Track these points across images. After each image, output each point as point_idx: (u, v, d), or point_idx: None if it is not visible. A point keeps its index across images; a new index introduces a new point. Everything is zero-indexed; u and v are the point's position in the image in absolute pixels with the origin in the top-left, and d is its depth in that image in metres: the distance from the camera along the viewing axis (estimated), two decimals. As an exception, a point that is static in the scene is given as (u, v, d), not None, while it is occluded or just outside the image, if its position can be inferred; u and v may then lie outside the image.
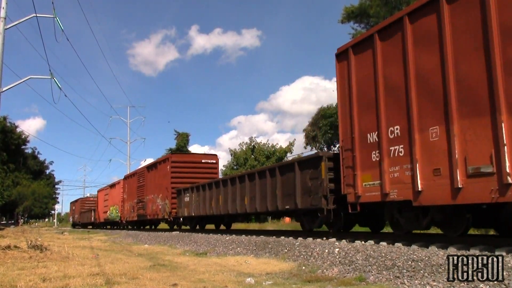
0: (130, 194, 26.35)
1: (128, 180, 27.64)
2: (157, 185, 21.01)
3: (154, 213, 21.15)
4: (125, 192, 27.77)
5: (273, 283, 5.58)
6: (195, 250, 11.13)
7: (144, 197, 23.05)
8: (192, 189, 16.77)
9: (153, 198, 21.28)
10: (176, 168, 19.54)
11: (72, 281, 5.55)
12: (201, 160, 20.18)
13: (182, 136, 50.74)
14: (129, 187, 27.02)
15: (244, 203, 12.71)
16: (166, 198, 19.35)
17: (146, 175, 23.20)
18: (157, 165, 21.58)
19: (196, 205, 16.26)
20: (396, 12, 24.31)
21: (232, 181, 13.65)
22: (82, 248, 12.75)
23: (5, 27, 18.99)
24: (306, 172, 9.74)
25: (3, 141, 53.65)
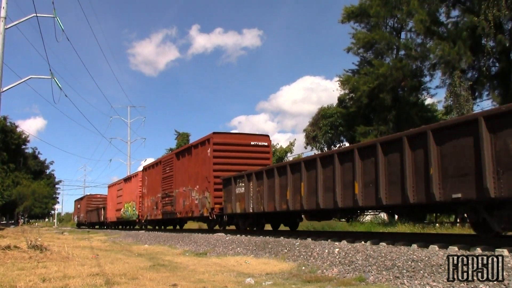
0: (152, 188, 22.02)
1: (148, 172, 23.04)
2: (191, 175, 16.52)
3: (187, 209, 16.83)
4: (145, 186, 23.38)
5: (273, 283, 5.58)
6: (195, 250, 11.13)
7: (172, 190, 18.56)
8: (250, 177, 12.24)
9: (186, 191, 16.97)
10: (220, 152, 15.04)
11: (72, 281, 5.55)
12: (250, 142, 15.48)
13: (182, 136, 50.68)
14: (150, 180, 22.53)
15: (353, 192, 8.23)
16: (206, 190, 15.02)
17: (174, 164, 18.56)
18: (191, 149, 16.85)
19: (257, 197, 11.82)
20: (396, 12, 24.34)
21: (326, 161, 9.04)
22: (82, 248, 12.75)
23: (5, 27, 18.99)
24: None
25: (3, 141, 53.68)
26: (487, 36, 18.46)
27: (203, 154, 15.56)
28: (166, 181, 19.61)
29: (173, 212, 18.45)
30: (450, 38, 19.95)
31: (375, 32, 24.81)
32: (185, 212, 17.14)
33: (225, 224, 15.21)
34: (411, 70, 23.88)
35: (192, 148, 16.80)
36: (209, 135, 15.31)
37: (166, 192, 19.47)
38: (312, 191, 9.42)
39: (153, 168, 22.30)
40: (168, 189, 19.23)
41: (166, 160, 20.27)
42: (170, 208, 18.72)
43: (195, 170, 16.24)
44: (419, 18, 20.87)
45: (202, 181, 15.40)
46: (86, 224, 47.21)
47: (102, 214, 37.36)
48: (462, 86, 19.58)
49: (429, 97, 26.90)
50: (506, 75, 19.62)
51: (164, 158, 20.96)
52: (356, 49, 26.74)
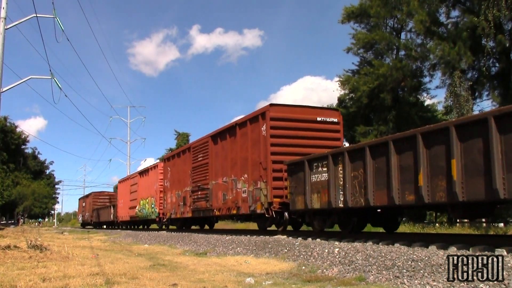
0: (177, 180, 18.28)
1: (172, 162, 19.16)
2: (235, 162, 13.09)
3: (230, 205, 13.33)
4: (167, 179, 19.74)
5: (273, 283, 5.58)
6: (195, 250, 11.13)
7: (207, 182, 15.09)
8: (339, 157, 8.84)
9: (228, 182, 13.52)
10: (279, 129, 11.47)
11: (72, 281, 5.55)
12: (316, 117, 11.91)
13: (182, 136, 50.83)
14: (175, 171, 18.76)
15: None
16: (259, 180, 11.58)
17: (210, 149, 14.99)
18: (235, 129, 13.22)
19: (353, 186, 8.44)
20: (396, 12, 24.36)
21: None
22: (82, 248, 12.75)
23: (5, 27, 19.00)
24: None
25: (3, 141, 53.74)
26: (487, 36, 18.46)
27: (255, 134, 12.02)
28: (198, 171, 15.93)
29: (209, 209, 14.85)
30: (450, 38, 19.97)
31: (375, 33, 24.81)
32: (227, 209, 13.49)
33: (286, 224, 11.70)
34: (411, 71, 23.90)
35: (237, 127, 13.02)
36: (265, 108, 11.69)
37: (198, 184, 15.74)
38: (475, 171, 6.10)
39: (178, 156, 18.36)
40: (201, 180, 15.50)
41: (198, 146, 16.24)
42: (205, 204, 15.08)
43: (241, 155, 12.68)
44: (419, 19, 20.89)
45: (254, 169, 11.94)
46: (93, 224, 44.03)
47: (111, 212, 33.75)
48: (462, 86, 19.60)
49: (428, 98, 26.94)
50: (506, 75, 19.63)
51: (194, 143, 16.88)
52: (356, 49, 26.75)
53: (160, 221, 21.93)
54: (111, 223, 36.04)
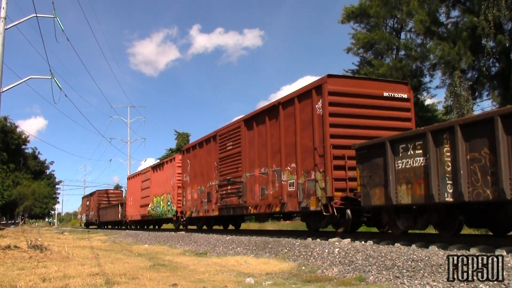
0: (200, 174, 15.99)
1: (194, 153, 16.81)
2: (278, 149, 10.90)
3: (271, 201, 11.06)
4: (187, 173, 17.44)
5: (273, 283, 5.58)
6: (195, 250, 11.14)
7: (239, 175, 12.80)
8: (441, 135, 6.82)
9: (268, 174, 11.28)
10: (339, 106, 9.41)
11: (72, 281, 5.55)
12: (383, 92, 9.87)
13: (182, 136, 50.81)
14: (196, 164, 16.48)
15: None
16: (314, 169, 9.45)
17: (243, 136, 12.67)
18: (277, 109, 11.00)
19: (472, 173, 6.34)
20: (396, 12, 24.36)
21: None
22: (82, 248, 12.76)
23: (5, 27, 19.00)
24: None
25: (3, 141, 53.75)
26: (487, 36, 18.45)
27: (306, 113, 9.91)
28: (226, 162, 13.67)
29: (241, 206, 12.57)
30: (450, 38, 19.95)
31: (375, 33, 24.80)
32: (267, 206, 11.28)
33: (348, 223, 9.33)
34: (411, 71, 23.89)
35: (280, 107, 10.83)
36: (320, 80, 9.57)
37: (227, 178, 13.49)
38: None
39: (201, 147, 16.06)
40: (231, 173, 13.28)
41: (226, 132, 13.85)
42: (236, 201, 12.85)
43: (286, 141, 10.55)
44: (419, 18, 20.87)
45: (304, 156, 9.89)
46: (97, 224, 41.69)
47: (119, 211, 31.36)
48: (462, 86, 19.58)
49: (429, 98, 26.94)
50: (506, 75, 19.63)
51: (222, 130, 14.38)
52: (356, 49, 26.74)
53: (178, 220, 19.44)
54: (118, 223, 33.83)
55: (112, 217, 34.15)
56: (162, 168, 21.91)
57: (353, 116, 9.56)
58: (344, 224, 9.53)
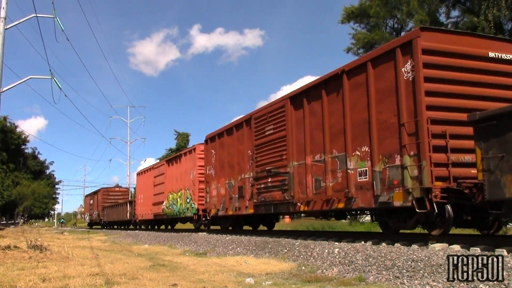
0: (228, 165, 13.64)
1: (219, 142, 14.49)
2: (340, 129, 8.76)
3: (332, 195, 8.84)
4: (211, 165, 14.97)
5: (273, 283, 5.58)
6: (195, 250, 11.14)
7: (284, 164, 10.48)
8: None
9: (325, 162, 9.08)
10: (435, 68, 7.31)
11: (72, 281, 5.55)
12: (487, 52, 7.79)
13: (182, 136, 50.83)
14: (223, 154, 14.12)
15: None
16: (402, 153, 7.31)
17: (289, 117, 10.43)
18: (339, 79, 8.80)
19: None
20: (396, 12, 24.37)
21: None
22: (82, 248, 12.76)
23: (5, 27, 19.01)
24: None
25: (3, 141, 53.74)
26: (487, 36, 18.47)
27: (385, 80, 7.78)
28: (265, 149, 11.34)
29: (286, 202, 10.33)
30: (450, 38, 19.95)
31: (375, 33, 24.83)
32: (324, 202, 8.97)
33: (449, 223, 7.32)
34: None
35: (344, 76, 8.58)
36: (409, 35, 7.55)
37: (267, 168, 11.13)
38: None
39: (229, 134, 13.71)
40: (273, 162, 10.94)
41: (265, 114, 11.45)
42: (280, 195, 10.55)
43: (354, 118, 8.35)
44: (419, 19, 20.90)
45: (384, 136, 7.76)
46: (103, 224, 39.33)
47: (127, 210, 28.99)
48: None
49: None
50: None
51: (259, 111, 11.98)
52: (356, 49, 26.77)
53: (199, 219, 17.12)
54: (126, 223, 31.71)
55: (119, 216, 31.73)
56: (179, 161, 19.29)
57: (454, 81, 7.41)
58: (443, 224, 7.32)
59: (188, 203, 17.86)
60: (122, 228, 33.63)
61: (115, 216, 33.46)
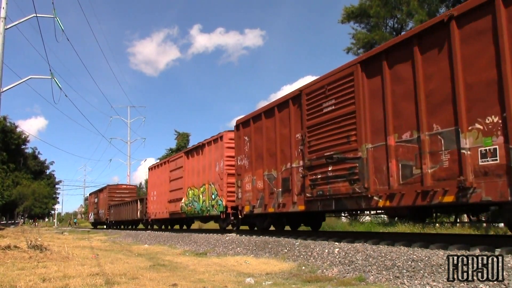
0: (266, 154, 11.52)
1: (254, 126, 12.32)
2: (447, 95, 6.60)
3: (431, 184, 6.70)
4: (244, 154, 12.79)
5: (273, 283, 5.58)
6: (195, 250, 11.14)
7: (354, 147, 8.32)
8: None
9: (421, 141, 6.96)
10: None
11: (72, 281, 5.55)
12: None
13: (182, 136, 50.83)
14: (259, 141, 12.00)
15: None
16: None
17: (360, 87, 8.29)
18: (446, 27, 6.60)
19: None
20: (396, 12, 24.37)
21: None
22: (82, 248, 12.76)
23: (5, 27, 19.02)
24: None
25: (3, 141, 53.77)
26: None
27: None
28: (322, 131, 9.19)
29: (357, 196, 8.19)
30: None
31: (375, 33, 24.84)
32: (420, 194, 6.91)
33: None
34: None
35: (453, 23, 6.57)
36: None
37: (325, 153, 9.00)
38: None
39: (269, 116, 11.57)
40: (335, 146, 8.79)
41: (323, 87, 9.26)
42: (346, 188, 8.42)
43: (472, 78, 6.30)
44: (419, 19, 20.90)
45: None
46: (108, 224, 37.17)
47: (138, 209, 26.93)
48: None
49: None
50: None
51: (313, 84, 9.68)
52: (356, 49, 26.77)
53: (228, 218, 14.76)
54: (135, 222, 29.60)
55: (128, 215, 29.24)
56: (202, 152, 16.94)
57: None
58: None
59: (213, 199, 15.53)
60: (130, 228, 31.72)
61: (123, 215, 30.96)
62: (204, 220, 19.09)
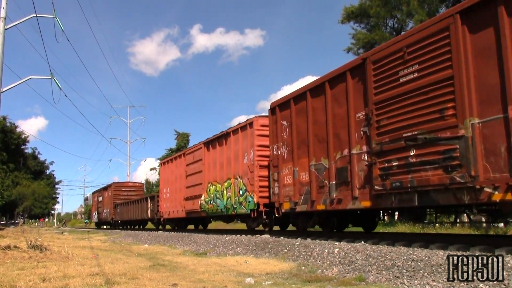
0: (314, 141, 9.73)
1: (295, 109, 10.56)
2: None
3: None
4: (281, 142, 11.12)
5: (272, 283, 5.58)
6: (195, 250, 11.14)
7: (451, 123, 6.41)
8: None
9: None
10: None
11: (72, 281, 5.55)
12: None
13: (182, 136, 50.83)
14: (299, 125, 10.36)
15: None
16: None
17: (460, 45, 6.33)
18: None
19: None
20: (396, 12, 24.38)
21: None
22: (82, 248, 12.76)
23: (5, 27, 19.02)
24: None
25: (3, 141, 53.77)
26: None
27: None
28: (398, 107, 7.40)
29: (457, 187, 6.29)
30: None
31: (375, 33, 24.84)
32: None
33: None
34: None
35: None
36: None
37: (405, 134, 7.19)
38: None
39: (315, 95, 9.77)
40: (420, 124, 6.93)
41: (398, 50, 7.45)
42: (440, 176, 6.55)
43: None
44: (419, 19, 20.91)
45: None
46: (113, 224, 35.24)
47: (148, 207, 24.85)
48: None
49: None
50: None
51: (384, 48, 7.88)
52: (356, 49, 26.78)
53: (259, 217, 12.75)
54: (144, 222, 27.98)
55: (137, 214, 27.11)
56: (225, 142, 14.91)
57: None
58: None
59: (241, 195, 13.51)
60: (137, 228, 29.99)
61: (131, 214, 28.67)
62: (227, 220, 16.89)
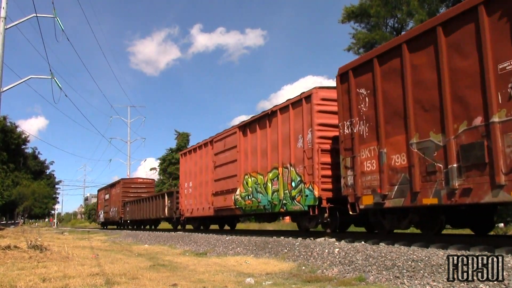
0: (414, 110, 7.17)
1: (381, 70, 7.95)
2: None
3: None
4: (360, 117, 8.48)
5: (273, 283, 5.58)
6: (195, 250, 11.14)
7: None
8: None
9: None
10: None
11: (72, 281, 5.55)
12: None
13: (182, 136, 50.82)
14: (388, 92, 7.77)
15: None
16: None
17: None
18: None
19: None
20: (396, 12, 24.37)
21: None
22: (82, 248, 12.75)
23: (5, 27, 19.01)
24: None
25: (3, 141, 53.77)
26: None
27: None
28: None
29: None
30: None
31: (375, 32, 24.83)
32: None
33: None
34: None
35: None
36: None
37: None
38: None
39: (415, 50, 7.22)
40: None
41: None
42: None
43: None
44: (419, 18, 20.91)
45: None
46: (123, 224, 31.87)
47: (165, 205, 21.50)
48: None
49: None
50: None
51: None
52: (357, 48, 26.75)
53: (321, 214, 10.07)
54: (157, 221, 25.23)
55: (151, 213, 23.74)
56: (269, 124, 12.06)
57: None
58: None
59: (294, 188, 10.72)
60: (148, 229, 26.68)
61: (144, 213, 25.28)
62: (270, 218, 13.92)
